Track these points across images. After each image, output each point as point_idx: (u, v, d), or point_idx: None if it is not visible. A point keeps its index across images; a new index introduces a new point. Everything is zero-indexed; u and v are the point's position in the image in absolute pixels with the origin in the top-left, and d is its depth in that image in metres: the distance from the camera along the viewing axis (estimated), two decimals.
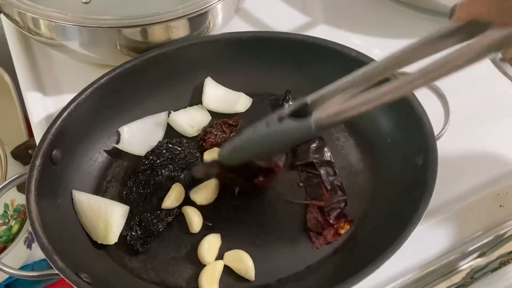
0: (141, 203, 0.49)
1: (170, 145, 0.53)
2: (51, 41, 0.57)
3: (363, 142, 0.54)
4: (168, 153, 0.52)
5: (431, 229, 0.48)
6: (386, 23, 0.70)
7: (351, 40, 0.67)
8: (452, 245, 0.48)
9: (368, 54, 0.53)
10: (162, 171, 0.51)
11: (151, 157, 0.52)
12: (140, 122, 0.56)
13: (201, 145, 0.54)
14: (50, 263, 0.40)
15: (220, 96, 0.58)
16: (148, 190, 0.50)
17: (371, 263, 0.39)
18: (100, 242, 0.47)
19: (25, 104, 0.60)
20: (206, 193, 0.50)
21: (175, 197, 0.49)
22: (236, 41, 0.57)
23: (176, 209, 0.49)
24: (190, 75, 0.58)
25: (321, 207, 0.49)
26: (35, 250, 0.83)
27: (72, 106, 0.50)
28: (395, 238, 0.40)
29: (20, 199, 0.78)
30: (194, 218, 0.48)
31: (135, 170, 0.52)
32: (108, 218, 0.47)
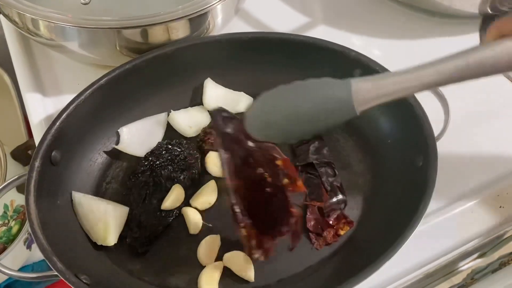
0: (141, 204, 0.49)
1: (170, 146, 0.52)
2: (51, 42, 0.57)
3: (363, 143, 0.54)
4: (168, 154, 0.52)
5: (431, 230, 0.48)
6: (386, 24, 0.70)
7: (351, 41, 0.67)
8: (452, 246, 0.48)
9: (368, 55, 0.53)
10: (162, 172, 0.51)
11: (151, 158, 0.51)
12: (140, 123, 0.56)
13: (201, 146, 0.54)
14: (49, 265, 0.40)
15: (221, 96, 0.58)
16: (148, 191, 0.50)
17: (371, 264, 0.39)
18: (100, 243, 0.47)
19: (25, 105, 0.60)
20: (206, 197, 0.50)
21: (175, 198, 0.49)
22: (236, 42, 0.57)
23: (176, 210, 0.49)
24: (190, 76, 0.58)
25: (321, 208, 0.49)
26: (35, 251, 0.82)
27: (72, 107, 0.50)
28: (395, 239, 0.40)
29: (20, 200, 0.78)
30: (194, 219, 0.48)
31: (135, 171, 0.51)
32: (108, 219, 0.47)
